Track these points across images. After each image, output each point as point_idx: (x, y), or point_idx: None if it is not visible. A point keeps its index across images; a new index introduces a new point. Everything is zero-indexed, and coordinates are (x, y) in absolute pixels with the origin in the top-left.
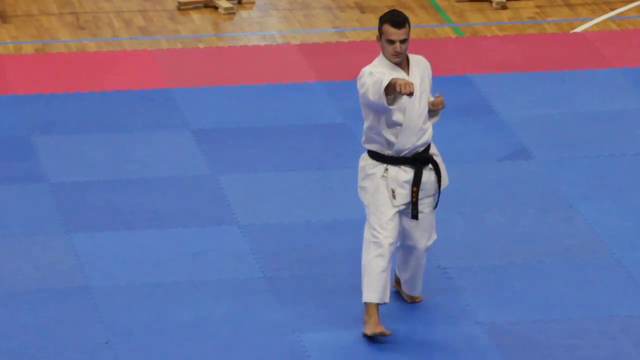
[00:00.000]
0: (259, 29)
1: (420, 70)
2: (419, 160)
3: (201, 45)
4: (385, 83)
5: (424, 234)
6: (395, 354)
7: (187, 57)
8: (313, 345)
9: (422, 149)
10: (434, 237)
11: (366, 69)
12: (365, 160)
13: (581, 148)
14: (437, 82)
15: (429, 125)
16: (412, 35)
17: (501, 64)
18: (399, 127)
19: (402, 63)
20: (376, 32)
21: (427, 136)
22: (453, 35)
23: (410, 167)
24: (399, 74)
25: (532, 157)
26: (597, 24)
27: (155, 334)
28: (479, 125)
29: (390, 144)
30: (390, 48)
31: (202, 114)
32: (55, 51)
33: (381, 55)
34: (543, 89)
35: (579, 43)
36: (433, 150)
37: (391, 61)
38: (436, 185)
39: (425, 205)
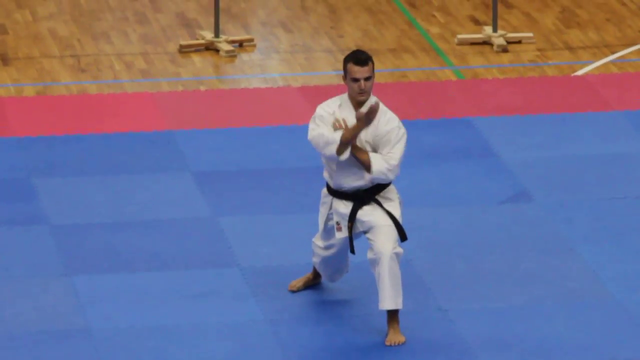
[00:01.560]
0: (260, 71)
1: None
2: (359, 198)
3: (202, 88)
4: (336, 147)
5: (385, 243)
6: None
7: (188, 100)
8: None
9: (364, 188)
10: (400, 250)
11: (317, 112)
12: (323, 189)
13: (582, 191)
14: (438, 124)
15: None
16: (413, 78)
17: (502, 106)
18: (334, 167)
19: (363, 103)
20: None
21: (366, 180)
22: (454, 78)
23: (350, 202)
24: (349, 114)
25: (533, 199)
26: (598, 67)
27: None
28: (479, 167)
29: (332, 179)
30: (355, 86)
31: (203, 156)
32: (56, 93)
33: (344, 95)
34: (544, 131)
35: (580, 86)
36: (388, 194)
37: (356, 99)
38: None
39: (377, 216)
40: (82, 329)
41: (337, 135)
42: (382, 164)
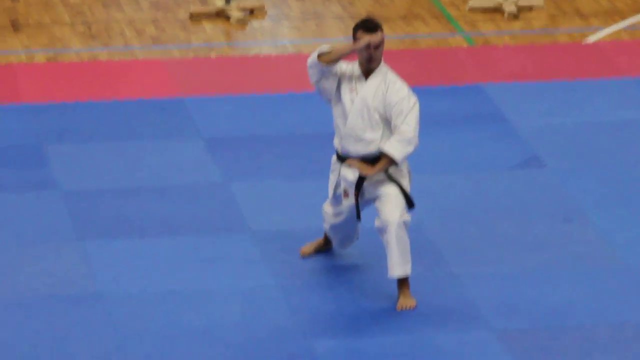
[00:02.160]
0: (271, 38)
1: (376, 86)
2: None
3: (213, 55)
4: (322, 50)
5: (392, 211)
6: (407, 359)
7: (199, 67)
8: (325, 351)
9: (370, 156)
10: (408, 218)
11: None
12: (333, 156)
13: (593, 157)
14: (449, 91)
15: (374, 137)
16: (424, 45)
17: (513, 73)
18: (340, 132)
19: (372, 70)
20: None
21: (373, 147)
22: (465, 45)
23: (357, 169)
24: (359, 81)
25: (544, 165)
26: (609, 34)
27: (167, 340)
28: (490, 133)
29: (340, 146)
30: (364, 53)
31: (214, 122)
32: (67, 60)
33: (355, 62)
34: (555, 98)
35: (591, 53)
36: (396, 169)
37: (366, 66)
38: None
39: (384, 185)
40: (93, 294)
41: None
42: (399, 146)
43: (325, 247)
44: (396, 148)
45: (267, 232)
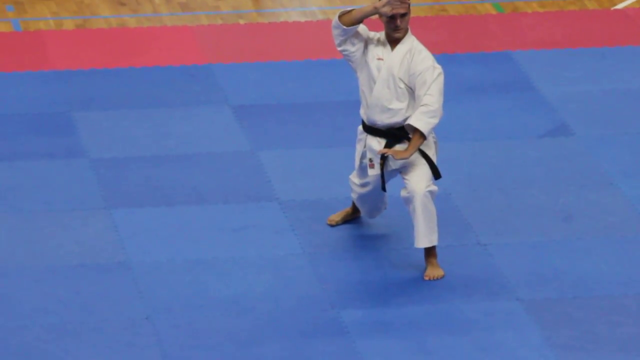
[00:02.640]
0: (300, 5)
1: (402, 55)
2: (392, 135)
3: (241, 22)
4: (345, 10)
5: (419, 182)
6: (434, 329)
7: (228, 33)
8: (352, 321)
9: (396, 126)
10: (434, 188)
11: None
12: (359, 127)
13: (622, 125)
14: (478, 58)
15: (400, 107)
16: (453, 12)
17: (542, 40)
18: (366, 102)
19: (399, 40)
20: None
21: (399, 117)
22: (493, 12)
23: (383, 139)
24: (385, 50)
25: (573, 134)
26: (638, 1)
27: (195, 309)
28: (519, 102)
29: (366, 116)
30: (390, 23)
31: (242, 90)
32: (95, 27)
33: (382, 32)
34: (584, 65)
35: (619, 19)
36: (426, 138)
37: (392, 36)
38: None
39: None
40: (121, 263)
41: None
42: (425, 118)
43: (353, 216)
44: (422, 121)
45: (295, 201)
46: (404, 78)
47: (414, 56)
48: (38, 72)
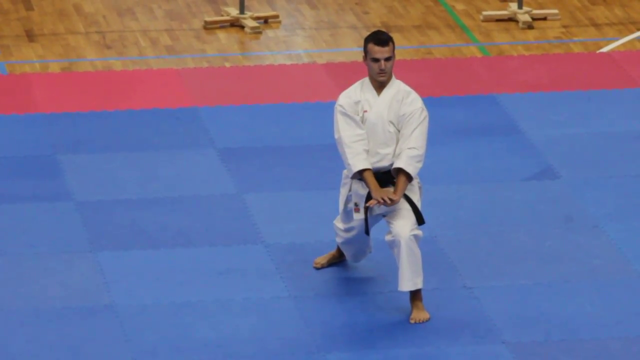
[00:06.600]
0: (285, 48)
1: (390, 99)
2: (377, 180)
3: (227, 64)
4: (354, 170)
5: (404, 226)
6: None
7: (214, 76)
8: None
9: (382, 170)
10: (419, 232)
11: (340, 100)
12: (344, 171)
13: (607, 168)
14: (463, 101)
15: (387, 152)
16: (438, 54)
17: (527, 83)
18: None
19: (384, 84)
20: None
21: (386, 162)
22: (479, 55)
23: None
24: (371, 96)
25: (558, 176)
26: (623, 44)
27: (180, 352)
28: (504, 144)
29: None
30: (375, 66)
31: (228, 132)
32: (81, 70)
33: (365, 79)
34: (569, 108)
35: (605, 63)
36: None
37: (376, 80)
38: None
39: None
40: (107, 306)
41: (356, 163)
42: (413, 163)
43: (338, 259)
44: (412, 165)
45: (280, 244)
46: (394, 120)
47: (403, 98)
48: (24, 115)
